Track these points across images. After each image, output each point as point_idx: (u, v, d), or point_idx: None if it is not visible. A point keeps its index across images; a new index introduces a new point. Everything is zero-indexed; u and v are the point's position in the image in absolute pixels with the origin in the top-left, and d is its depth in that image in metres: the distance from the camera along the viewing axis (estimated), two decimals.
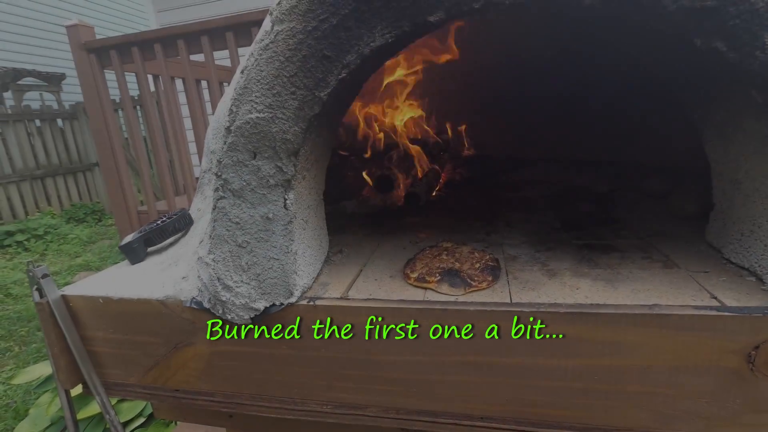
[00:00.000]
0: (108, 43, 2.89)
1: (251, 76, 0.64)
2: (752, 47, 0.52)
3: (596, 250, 0.90)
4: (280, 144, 0.68)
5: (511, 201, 1.38)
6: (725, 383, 0.63)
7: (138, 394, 0.92)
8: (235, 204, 0.72)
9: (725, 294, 0.66)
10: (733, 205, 0.76)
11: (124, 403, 2.38)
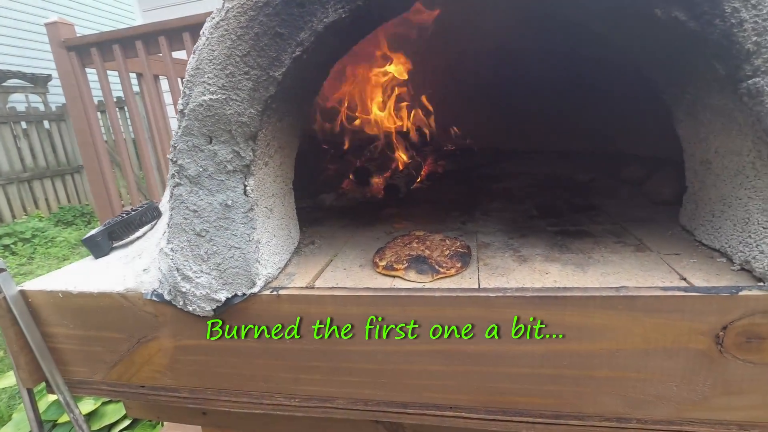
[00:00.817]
0: (88, 40, 2.85)
1: (203, 56, 0.62)
2: (711, 15, 0.50)
3: (570, 235, 0.88)
4: (236, 127, 0.65)
5: (491, 191, 1.37)
6: (694, 365, 0.61)
7: (103, 391, 0.89)
8: (192, 191, 0.70)
9: (695, 275, 0.65)
10: (704, 186, 0.74)
11: (109, 405, 2.34)
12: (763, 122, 0.52)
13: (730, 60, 0.51)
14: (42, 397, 2.34)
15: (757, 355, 0.59)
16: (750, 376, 0.60)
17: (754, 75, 0.50)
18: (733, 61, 0.51)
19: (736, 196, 0.65)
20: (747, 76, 0.51)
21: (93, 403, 2.33)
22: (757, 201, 0.60)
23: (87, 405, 2.33)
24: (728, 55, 0.51)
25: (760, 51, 0.49)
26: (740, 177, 0.63)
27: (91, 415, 2.24)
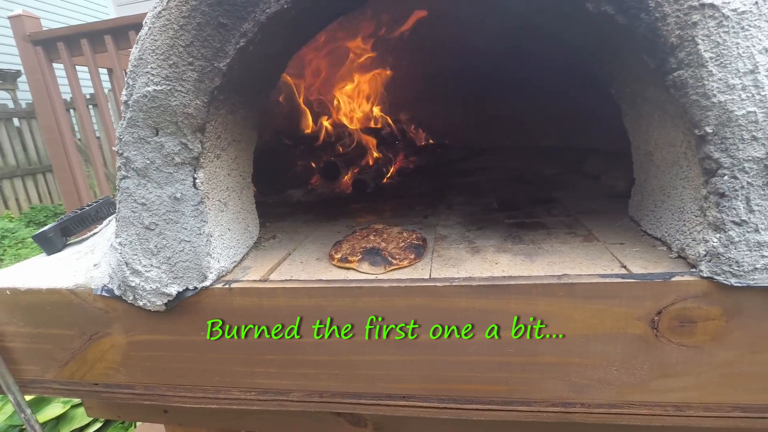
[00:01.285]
0: (55, 34, 2.77)
1: (146, 46, 0.61)
2: (637, 9, 0.52)
3: (525, 227, 0.90)
4: (183, 119, 0.65)
5: (458, 187, 1.38)
6: (633, 350, 0.63)
7: (56, 390, 0.87)
8: (140, 184, 0.69)
9: (635, 263, 0.67)
10: (648, 178, 0.77)
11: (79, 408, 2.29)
12: (689, 113, 0.54)
13: (657, 53, 0.53)
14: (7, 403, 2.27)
15: (689, 338, 0.61)
16: (683, 358, 0.62)
17: (679, 67, 0.52)
18: (659, 55, 0.53)
19: (673, 186, 0.68)
20: (672, 68, 0.53)
21: (62, 407, 2.27)
22: (690, 190, 0.63)
23: (55, 408, 2.28)
24: (655, 49, 0.53)
25: (683, 44, 0.51)
26: (676, 168, 0.66)
27: (59, 418, 2.19)
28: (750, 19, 0.49)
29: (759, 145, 0.52)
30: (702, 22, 0.50)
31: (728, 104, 0.51)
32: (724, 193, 0.55)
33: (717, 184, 0.55)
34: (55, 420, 2.20)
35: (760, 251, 0.55)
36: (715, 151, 0.54)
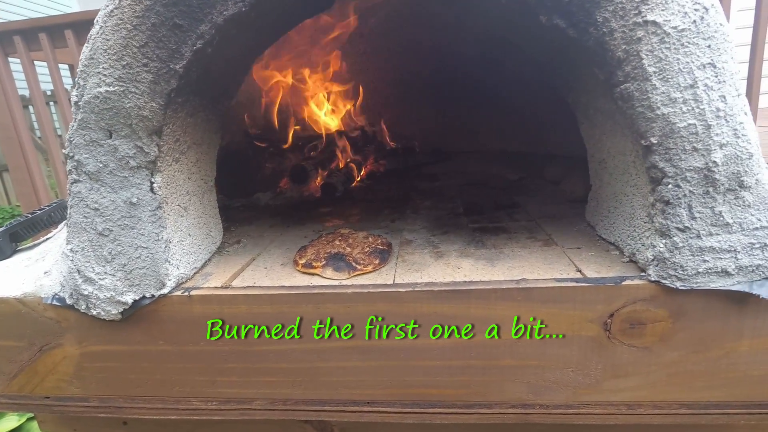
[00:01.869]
0: (10, 27, 2.64)
1: (97, 45, 0.59)
2: (586, 24, 0.54)
3: (488, 232, 0.91)
4: (137, 121, 0.63)
5: (425, 191, 1.39)
6: (587, 351, 0.65)
7: (4, 405, 0.83)
8: (92, 188, 0.66)
9: (589, 267, 0.69)
10: (602, 185, 0.80)
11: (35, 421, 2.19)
12: (635, 124, 0.56)
13: (605, 66, 0.56)
14: None
15: (638, 339, 0.64)
16: (634, 359, 0.65)
17: (626, 80, 0.55)
18: (607, 68, 0.55)
19: (624, 193, 0.70)
20: (620, 81, 0.55)
21: (17, 419, 2.16)
22: (639, 197, 0.65)
23: (10, 422, 2.16)
24: (603, 62, 0.55)
25: (629, 58, 0.54)
26: (626, 175, 0.68)
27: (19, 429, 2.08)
28: (689, 36, 0.51)
29: (699, 156, 0.55)
30: (646, 38, 0.52)
31: (671, 116, 0.54)
32: (669, 200, 0.58)
33: (662, 192, 0.58)
34: None
35: (702, 256, 0.58)
36: (660, 160, 0.57)
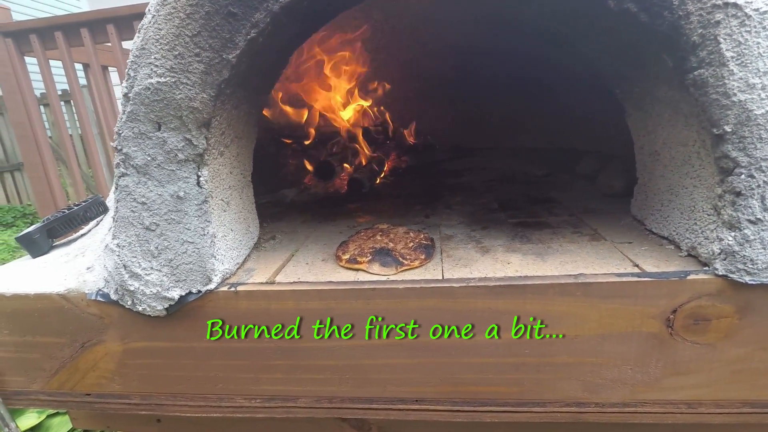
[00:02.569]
0: (27, 26, 2.64)
1: (149, 35, 0.58)
2: (660, 8, 0.52)
3: (530, 227, 0.90)
4: (188, 113, 0.61)
5: (452, 186, 1.38)
6: (647, 348, 0.63)
7: (43, 402, 0.82)
8: (139, 182, 0.65)
9: (646, 261, 0.67)
10: (653, 177, 0.78)
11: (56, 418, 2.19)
12: (708, 112, 0.54)
13: (677, 52, 0.54)
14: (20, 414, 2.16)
15: (702, 336, 0.62)
16: (696, 356, 0.63)
17: (700, 66, 0.53)
18: (680, 53, 0.53)
19: (682, 185, 0.68)
20: (693, 67, 0.53)
21: (37, 417, 2.17)
22: (702, 189, 0.63)
23: (30, 419, 2.17)
24: (676, 47, 0.53)
25: (705, 43, 0.51)
26: (686, 167, 0.66)
27: (34, 429, 2.08)
28: None
29: None
30: (725, 21, 0.50)
31: (748, 103, 0.52)
32: (740, 191, 0.56)
33: (733, 182, 0.56)
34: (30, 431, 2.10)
35: None
36: (733, 150, 0.54)
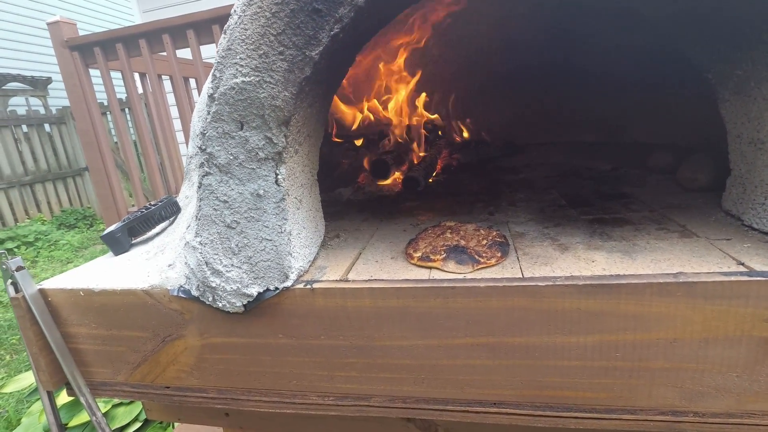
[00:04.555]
0: (91, 39, 2.81)
1: (235, 36, 0.59)
2: None
3: (607, 223, 0.85)
4: (270, 111, 0.62)
5: (511, 183, 1.33)
6: (758, 354, 0.58)
7: (126, 393, 0.86)
8: (222, 180, 0.67)
9: (753, 260, 0.62)
10: (754, 168, 0.71)
11: (120, 408, 2.32)
12: None
13: None
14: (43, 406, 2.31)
15: None
16: None
17: None
18: None
19: None
20: None
21: (103, 406, 2.30)
22: None
23: None
24: None
25: None
26: None
27: None
28: None
29: None
30: None
31: None
32: None
33: None
34: None
35: None
36: None
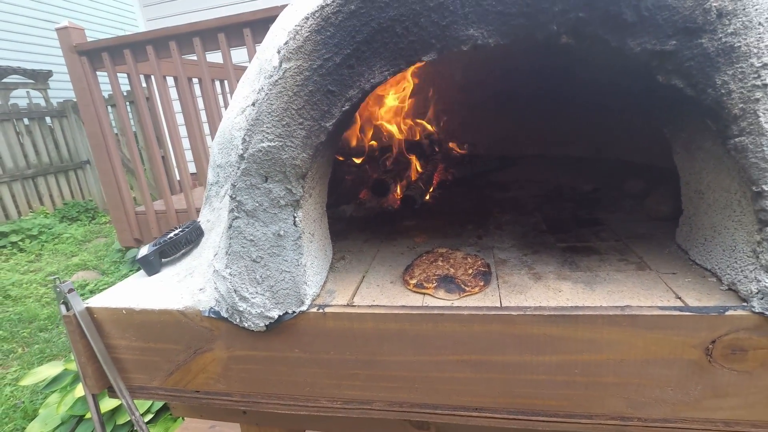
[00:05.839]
0: (99, 45, 2.90)
1: (262, 109, 0.71)
2: (705, 85, 0.59)
3: (578, 252, 0.98)
4: (290, 169, 0.74)
5: (501, 202, 1.46)
6: (687, 373, 0.72)
7: (160, 396, 1.00)
8: (249, 223, 0.79)
9: (689, 294, 0.75)
10: (697, 212, 0.84)
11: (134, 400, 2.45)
12: (747, 172, 0.61)
13: (720, 121, 0.61)
14: (68, 393, 2.45)
15: (740, 364, 0.69)
16: (734, 381, 0.70)
17: (740, 134, 0.60)
18: (722, 122, 0.61)
19: (724, 225, 0.75)
20: (734, 134, 0.60)
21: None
22: (742, 233, 0.70)
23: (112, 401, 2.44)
24: (718, 117, 0.61)
25: (746, 115, 0.59)
26: (728, 210, 0.73)
27: (115, 410, 2.35)
28: None
29: None
30: (764, 99, 0.57)
31: None
32: None
33: None
34: (111, 411, 2.36)
35: None
36: None
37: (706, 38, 0.57)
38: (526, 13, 0.59)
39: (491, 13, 0.60)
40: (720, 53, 0.57)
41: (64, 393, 2.49)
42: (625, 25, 0.58)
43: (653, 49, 0.59)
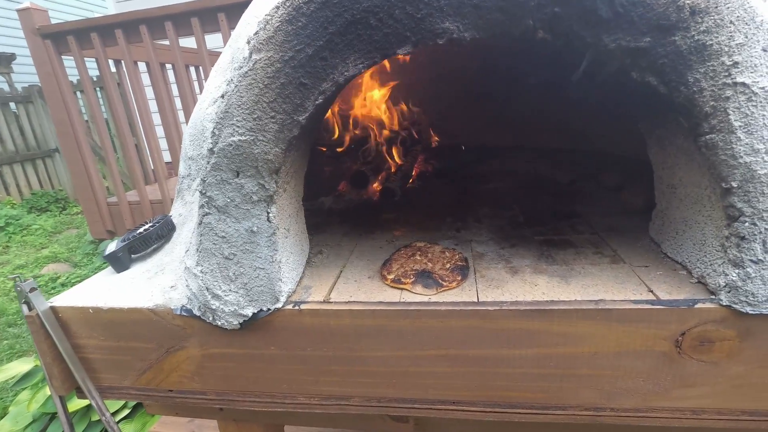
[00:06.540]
0: (65, 28, 2.76)
1: (232, 102, 0.68)
2: (678, 83, 0.59)
3: (555, 245, 0.99)
4: (262, 164, 0.72)
5: (480, 194, 1.46)
6: (658, 364, 0.73)
7: (132, 395, 0.97)
8: (220, 219, 0.77)
9: (660, 287, 0.76)
10: (670, 207, 0.86)
11: None
12: (717, 169, 0.62)
13: (691, 118, 0.61)
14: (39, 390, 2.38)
15: (707, 355, 0.71)
16: (701, 372, 0.72)
17: (711, 132, 0.60)
18: (694, 120, 0.61)
19: (695, 220, 0.76)
20: (705, 132, 0.61)
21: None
22: (712, 228, 0.72)
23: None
24: (690, 115, 0.61)
25: (716, 113, 0.59)
26: (699, 205, 0.74)
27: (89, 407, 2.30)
28: None
29: None
30: (734, 97, 0.57)
31: (752, 165, 0.60)
32: (744, 236, 0.64)
33: (738, 228, 0.64)
34: (86, 408, 2.31)
35: None
36: (739, 201, 0.63)
37: (679, 35, 0.57)
38: (501, 7, 0.57)
39: (467, 6, 0.58)
40: (692, 51, 0.57)
41: (35, 390, 2.42)
42: (600, 21, 0.58)
43: (628, 45, 0.59)
